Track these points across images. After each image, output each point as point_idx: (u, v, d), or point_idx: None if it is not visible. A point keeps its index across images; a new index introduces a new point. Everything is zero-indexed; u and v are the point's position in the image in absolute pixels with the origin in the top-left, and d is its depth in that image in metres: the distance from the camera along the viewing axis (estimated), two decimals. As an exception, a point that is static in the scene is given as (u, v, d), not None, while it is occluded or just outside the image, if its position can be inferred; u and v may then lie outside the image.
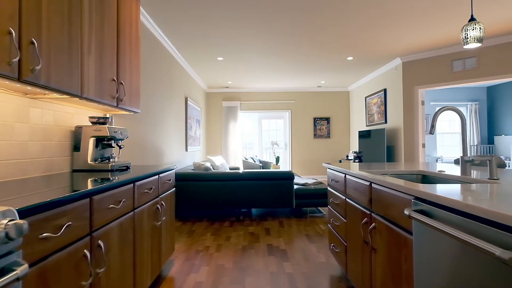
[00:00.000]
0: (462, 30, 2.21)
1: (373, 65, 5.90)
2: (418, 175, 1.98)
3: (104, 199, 1.36)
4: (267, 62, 5.65)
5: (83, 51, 1.70)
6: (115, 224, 1.47)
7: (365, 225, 1.69)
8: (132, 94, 2.41)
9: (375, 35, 4.30)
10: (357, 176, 1.82)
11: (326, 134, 8.40)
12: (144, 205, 1.89)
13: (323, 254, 2.82)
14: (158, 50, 4.11)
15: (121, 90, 2.19)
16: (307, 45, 4.71)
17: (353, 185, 1.92)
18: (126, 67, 2.29)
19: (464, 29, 2.19)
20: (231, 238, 3.33)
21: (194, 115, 6.50)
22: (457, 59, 4.84)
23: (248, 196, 4.25)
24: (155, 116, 3.97)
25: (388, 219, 1.42)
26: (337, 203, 2.29)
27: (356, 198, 1.86)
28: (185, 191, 4.23)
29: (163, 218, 2.23)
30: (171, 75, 4.77)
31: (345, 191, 2.11)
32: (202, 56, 5.20)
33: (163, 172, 2.30)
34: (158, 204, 2.15)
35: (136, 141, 3.34)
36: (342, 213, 2.18)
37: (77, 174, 1.85)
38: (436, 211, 1.01)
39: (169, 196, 2.45)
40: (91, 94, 1.79)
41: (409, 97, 5.36)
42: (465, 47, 2.30)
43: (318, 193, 4.28)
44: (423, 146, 5.22)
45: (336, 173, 2.34)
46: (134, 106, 2.46)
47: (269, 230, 3.63)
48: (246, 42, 4.55)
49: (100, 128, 2.09)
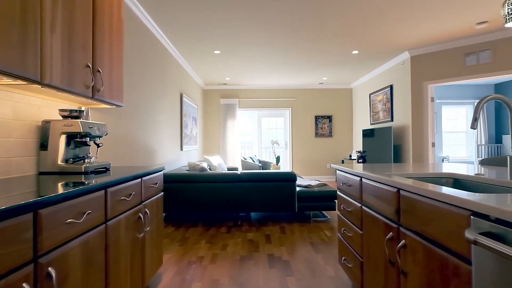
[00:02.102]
0: (504, 4, 1.89)
1: (379, 59, 5.59)
2: (448, 178, 1.67)
3: (58, 212, 1.04)
4: (266, 57, 5.34)
5: (44, 26, 1.38)
6: (75, 244, 1.15)
7: (391, 241, 1.38)
8: (113, 85, 2.09)
9: (382, 27, 3.99)
10: (379, 181, 1.51)
11: (328, 133, 8.09)
12: (121, 215, 1.57)
13: (331, 266, 2.51)
14: (149, 41, 3.79)
15: (97, 79, 1.87)
16: (310, 38, 4.39)
17: (372, 191, 1.60)
18: (104, 52, 1.97)
19: (506, 3, 1.87)
20: (228, 246, 3.01)
21: (190, 112, 6.18)
22: (470, 53, 4.53)
23: (247, 199, 3.94)
24: (146, 112, 3.64)
25: (427, 237, 1.11)
26: (350, 210, 1.98)
27: (377, 207, 1.54)
28: (179, 193, 3.91)
29: (147, 229, 1.91)
30: (164, 69, 4.45)
31: (361, 197, 1.80)
32: (197, 49, 4.88)
33: (148, 174, 1.98)
34: (141, 212, 1.83)
35: (123, 139, 3.02)
36: (356, 223, 1.87)
37: (44, 177, 1.53)
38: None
39: (155, 202, 2.13)
40: (56, 80, 1.47)
41: (417, 93, 5.05)
42: (506, 25, 1.98)
43: (322, 195, 3.97)
44: (433, 146, 4.91)
45: (349, 176, 2.03)
46: (116, 98, 2.14)
47: (270, 237, 3.31)
48: (245, 35, 4.23)
49: (72, 123, 1.77)
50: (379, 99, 6.33)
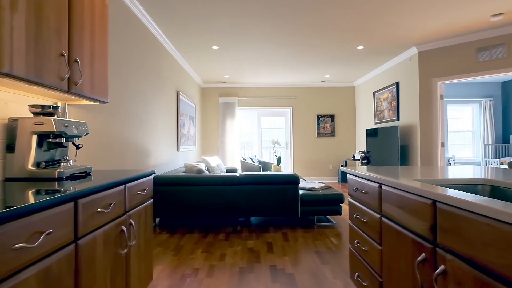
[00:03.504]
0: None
1: (385, 55, 5.34)
2: (484, 185, 1.42)
3: (2, 235, 0.79)
4: (267, 53, 5.09)
5: (2, 1, 1.13)
6: (29, 274, 0.90)
7: (423, 264, 1.13)
8: (96, 78, 1.85)
9: (390, 20, 3.74)
10: (405, 189, 1.26)
11: (330, 133, 7.85)
12: (97, 230, 1.32)
13: (341, 280, 2.26)
14: (141, 34, 3.54)
15: (75, 70, 1.62)
16: (313, 33, 4.14)
17: (396, 201, 1.36)
18: (84, 40, 1.72)
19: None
20: (226, 256, 2.76)
21: (188, 111, 5.93)
22: (483, 47, 4.29)
23: (247, 203, 3.69)
24: (138, 110, 3.39)
25: (481, 266, 0.86)
26: (365, 221, 1.73)
27: (403, 220, 1.30)
28: (174, 197, 3.66)
29: (132, 243, 1.66)
30: (159, 65, 4.20)
31: (380, 207, 1.55)
32: (195, 44, 4.63)
33: (133, 180, 1.73)
34: (124, 224, 1.59)
35: (111, 140, 2.77)
36: (373, 236, 1.62)
37: (7, 185, 1.29)
38: None
39: (143, 211, 1.89)
40: (19, 69, 1.22)
41: (426, 91, 4.80)
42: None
43: (327, 199, 3.72)
44: (442, 146, 4.67)
45: (364, 182, 1.78)
46: (99, 93, 1.89)
47: (272, 245, 3.07)
48: (245, 29, 3.98)
49: (44, 121, 1.52)
50: (384, 97, 6.09)
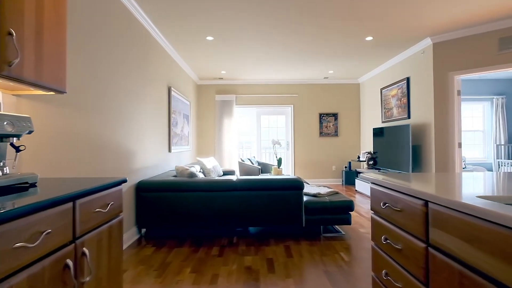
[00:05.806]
0: None
1: (395, 48, 4.92)
2: None
3: None
4: (267, 45, 4.66)
5: None
6: None
7: None
8: (45, 58, 1.41)
9: (403, 8, 3.31)
10: (478, 215, 0.83)
11: (333, 132, 7.42)
12: (16, 274, 0.89)
13: (358, 312, 1.84)
14: (125, 19, 3.10)
15: (8, 46, 1.19)
16: (318, 22, 3.71)
17: (458, 229, 0.93)
18: (24, 8, 1.29)
19: None
20: (219, 277, 2.33)
21: (181, 109, 5.50)
22: (506, 37, 3.86)
23: (244, 212, 3.26)
24: (121, 106, 2.96)
25: None
26: (400, 248, 1.30)
27: (470, 259, 0.87)
28: (162, 205, 3.23)
29: (86, 279, 1.23)
30: (147, 57, 3.76)
31: (425, 234, 1.12)
32: (187, 34, 4.19)
33: (88, 193, 1.29)
34: (70, 257, 1.15)
35: (81, 140, 2.33)
36: (414, 271, 1.19)
37: None
38: None
39: (106, 233, 1.45)
40: None
41: (441, 86, 4.38)
42: None
43: (334, 206, 3.30)
44: (460, 146, 4.25)
45: (397, 195, 1.35)
46: (50, 80, 1.45)
47: (273, 262, 2.64)
48: (242, 18, 3.54)
49: (-44, 114, 1.09)
50: (392, 94, 5.66)
